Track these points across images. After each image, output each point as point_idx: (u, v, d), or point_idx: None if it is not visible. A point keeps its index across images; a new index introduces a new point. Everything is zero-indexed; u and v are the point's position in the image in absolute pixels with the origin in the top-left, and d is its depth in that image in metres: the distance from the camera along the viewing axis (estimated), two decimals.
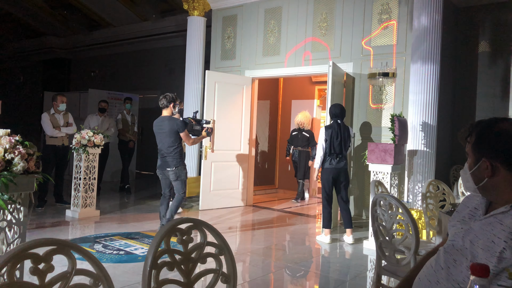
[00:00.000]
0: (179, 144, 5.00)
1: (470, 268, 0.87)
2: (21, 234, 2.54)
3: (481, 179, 1.37)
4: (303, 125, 7.99)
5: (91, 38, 12.57)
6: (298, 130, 8.05)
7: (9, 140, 2.47)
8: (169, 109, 5.10)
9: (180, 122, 5.00)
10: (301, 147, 7.97)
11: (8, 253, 1.14)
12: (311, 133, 8.04)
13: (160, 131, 5.04)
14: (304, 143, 7.96)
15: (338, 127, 5.12)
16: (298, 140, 8.00)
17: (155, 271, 1.44)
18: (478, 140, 1.38)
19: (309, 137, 7.98)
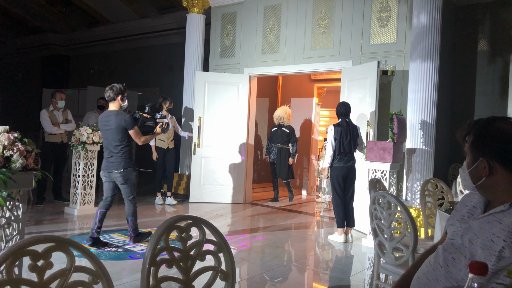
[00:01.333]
0: (127, 143, 4.47)
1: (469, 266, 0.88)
2: (19, 231, 2.54)
3: (479, 178, 1.37)
4: (283, 121, 7.57)
5: (90, 35, 12.54)
6: (277, 126, 7.64)
7: (8, 137, 2.46)
8: (116, 102, 4.51)
9: (129, 117, 4.44)
10: (281, 144, 7.52)
11: (7, 250, 1.14)
12: (291, 129, 7.63)
13: (106, 128, 4.44)
14: (284, 139, 7.53)
15: (347, 125, 5.12)
16: (278, 137, 7.57)
17: (154, 268, 1.44)
18: (476, 139, 1.38)
19: (289, 133, 7.56)
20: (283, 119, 7.58)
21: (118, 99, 4.51)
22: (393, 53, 5.92)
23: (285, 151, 7.52)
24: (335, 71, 6.95)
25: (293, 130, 7.62)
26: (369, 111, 5.57)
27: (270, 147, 7.64)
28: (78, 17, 11.90)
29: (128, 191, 4.55)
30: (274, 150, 7.53)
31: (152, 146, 6.96)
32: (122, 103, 4.54)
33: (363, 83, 5.80)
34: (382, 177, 4.90)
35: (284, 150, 7.52)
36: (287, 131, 7.55)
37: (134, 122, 4.49)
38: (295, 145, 7.52)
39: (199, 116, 7.36)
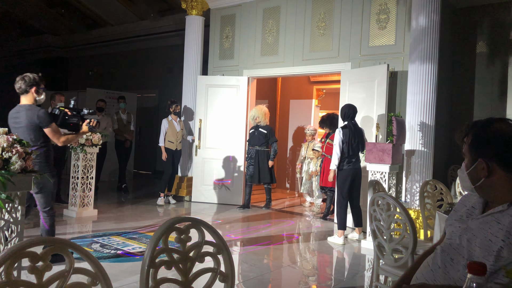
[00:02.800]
0: (43, 143, 3.78)
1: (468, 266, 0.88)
2: (18, 233, 2.54)
3: (478, 179, 1.38)
4: (259, 120, 6.95)
5: (89, 37, 12.55)
6: (255, 127, 7.03)
7: (7, 139, 2.46)
8: (29, 96, 3.80)
9: (44, 113, 3.73)
10: (259, 146, 6.91)
11: (6, 252, 1.14)
12: (269, 129, 7.02)
13: (16, 126, 3.73)
14: (261, 141, 6.91)
15: (354, 128, 5.17)
16: (255, 138, 6.95)
17: (153, 270, 1.44)
18: (474, 140, 1.39)
19: (267, 134, 6.95)
20: (259, 118, 6.96)
21: (31, 92, 3.78)
22: (392, 55, 5.93)
23: (264, 153, 6.93)
24: (334, 73, 6.96)
25: (271, 130, 7.04)
26: (378, 114, 5.61)
27: (249, 150, 7.03)
28: (77, 19, 11.91)
29: (44, 201, 3.82)
30: (252, 152, 6.97)
31: (162, 147, 7.05)
32: (38, 97, 3.82)
33: (368, 85, 5.81)
34: (381, 179, 4.90)
35: (263, 152, 6.93)
36: (264, 132, 6.95)
37: (52, 118, 3.82)
38: (274, 146, 6.97)
39: (200, 118, 7.44)
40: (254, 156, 6.91)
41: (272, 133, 7.03)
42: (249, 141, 7.09)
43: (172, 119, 7.21)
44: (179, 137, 7.23)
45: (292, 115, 9.33)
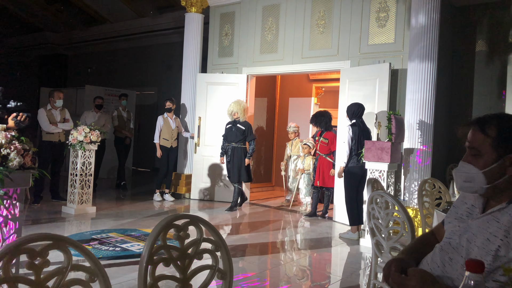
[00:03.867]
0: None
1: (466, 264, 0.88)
2: (17, 230, 2.54)
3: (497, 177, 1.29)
4: (237, 116, 6.63)
5: (88, 34, 12.52)
6: (232, 122, 6.69)
7: (5, 136, 2.46)
8: None
9: None
10: (235, 143, 6.60)
11: (4, 248, 1.14)
12: (247, 125, 6.67)
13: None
14: (239, 137, 6.60)
15: (363, 126, 5.22)
16: (232, 134, 6.63)
17: (151, 267, 1.44)
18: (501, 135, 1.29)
19: (245, 130, 6.62)
20: (238, 114, 6.62)
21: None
22: (392, 53, 5.93)
23: (241, 150, 6.60)
24: (333, 71, 6.96)
25: (249, 126, 6.70)
26: (379, 112, 5.62)
27: (225, 146, 6.73)
28: (76, 16, 11.88)
29: None
30: (228, 149, 6.68)
31: (157, 144, 7.07)
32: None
33: (369, 84, 5.81)
34: (380, 177, 4.90)
35: (239, 149, 6.60)
36: (242, 128, 6.60)
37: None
38: (252, 144, 6.62)
39: (199, 116, 7.44)
40: (230, 154, 6.62)
41: (251, 130, 6.69)
42: (224, 137, 6.74)
43: (167, 116, 7.23)
44: (174, 135, 7.26)
45: (291, 113, 9.32)
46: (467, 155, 1.36)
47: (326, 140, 6.33)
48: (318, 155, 6.41)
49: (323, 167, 6.34)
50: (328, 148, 6.32)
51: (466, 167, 1.35)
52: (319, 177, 6.38)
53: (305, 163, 6.92)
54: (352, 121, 5.25)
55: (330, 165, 6.32)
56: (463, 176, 1.36)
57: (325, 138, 6.34)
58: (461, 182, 1.37)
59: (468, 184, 1.35)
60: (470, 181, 1.33)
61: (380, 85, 5.66)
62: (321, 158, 6.38)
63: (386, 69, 5.60)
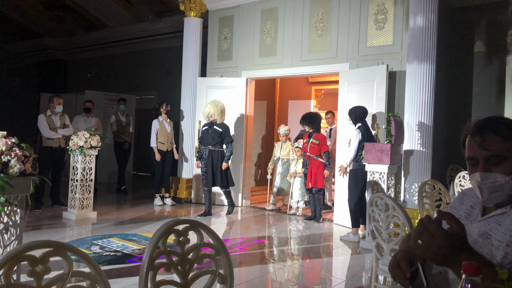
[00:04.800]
0: None
1: (462, 267, 0.88)
2: (17, 236, 2.54)
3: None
4: (214, 118, 6.33)
5: (87, 39, 12.55)
6: (208, 124, 6.39)
7: (6, 142, 2.46)
8: None
9: None
10: (212, 146, 6.29)
11: (5, 256, 1.14)
12: (225, 127, 6.36)
13: None
14: (216, 140, 6.29)
15: (367, 128, 5.29)
16: (209, 137, 6.32)
17: (152, 272, 1.44)
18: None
19: (223, 132, 6.31)
20: (214, 116, 6.32)
21: None
22: (390, 55, 5.95)
23: (218, 154, 6.32)
24: (332, 73, 6.98)
25: (227, 128, 6.38)
26: (377, 114, 5.63)
27: (201, 150, 6.43)
28: (75, 21, 11.91)
29: None
30: (205, 153, 6.37)
31: (154, 148, 7.06)
32: None
33: (367, 86, 5.83)
34: (380, 179, 4.91)
35: (216, 152, 6.31)
36: (219, 130, 6.31)
37: None
38: (230, 147, 6.33)
39: (199, 120, 7.44)
40: (207, 157, 6.31)
41: (228, 132, 6.38)
42: (200, 140, 6.49)
43: (162, 120, 7.24)
44: (170, 138, 7.27)
45: (291, 116, 9.33)
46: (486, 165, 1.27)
47: (317, 141, 6.26)
48: (309, 157, 6.29)
49: (315, 168, 6.25)
50: (319, 149, 6.25)
51: (492, 177, 1.25)
52: (311, 178, 6.26)
53: (297, 166, 6.80)
54: (357, 124, 5.27)
55: (321, 166, 6.23)
56: (490, 188, 1.26)
57: (316, 139, 6.28)
58: (488, 194, 1.27)
59: (495, 195, 1.26)
60: (498, 190, 1.25)
61: (378, 87, 5.68)
62: (312, 159, 6.27)
63: (383, 71, 5.62)
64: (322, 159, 6.23)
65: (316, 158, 6.24)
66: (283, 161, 7.21)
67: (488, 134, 1.26)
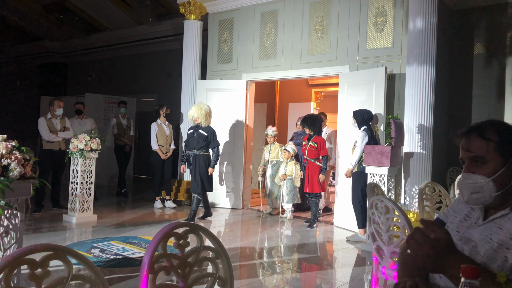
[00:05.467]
0: None
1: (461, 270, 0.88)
2: (17, 240, 2.54)
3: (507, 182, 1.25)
4: (199, 121, 6.13)
5: (88, 42, 12.58)
6: (194, 127, 6.21)
7: (6, 146, 2.47)
8: None
9: None
10: (197, 150, 6.09)
11: (5, 259, 1.14)
12: (210, 131, 6.14)
13: None
14: (201, 144, 6.08)
15: (372, 131, 5.31)
16: (194, 141, 6.12)
17: (152, 275, 1.44)
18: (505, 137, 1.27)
19: (208, 136, 6.10)
20: (199, 119, 6.11)
21: None
22: (390, 58, 5.95)
23: (203, 158, 6.09)
24: (332, 76, 6.98)
25: (213, 132, 6.15)
26: (376, 116, 5.63)
27: (187, 154, 6.25)
28: (76, 24, 11.94)
29: None
30: (190, 156, 6.18)
31: (157, 149, 7.09)
32: None
33: (366, 88, 5.83)
34: (380, 181, 4.91)
35: (202, 157, 6.09)
36: (204, 134, 6.09)
37: None
38: (215, 151, 6.12)
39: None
40: (192, 162, 6.11)
41: (214, 136, 6.14)
42: (186, 144, 6.31)
43: (161, 123, 7.26)
44: (169, 140, 7.30)
45: (291, 118, 9.34)
46: (469, 166, 1.31)
47: (315, 145, 6.11)
48: (307, 160, 6.14)
49: (312, 172, 6.10)
50: (317, 153, 6.10)
51: (473, 178, 1.29)
52: (308, 183, 6.09)
53: (287, 169, 6.60)
54: (362, 127, 5.28)
55: (318, 170, 6.10)
56: (471, 188, 1.29)
57: (315, 142, 6.12)
58: (468, 195, 1.30)
59: (476, 196, 1.29)
60: (479, 191, 1.28)
61: (377, 89, 5.68)
62: (309, 163, 6.12)
63: (382, 73, 5.62)
64: (320, 163, 6.10)
65: (313, 162, 6.12)
66: (273, 163, 7.01)
67: (473, 136, 1.30)
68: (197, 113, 6.10)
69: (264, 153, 7.18)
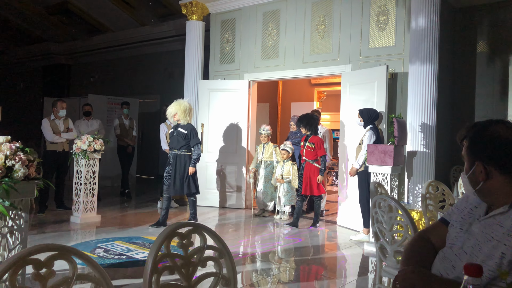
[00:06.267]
0: None
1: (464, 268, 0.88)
2: (22, 240, 2.55)
3: (477, 183, 1.35)
4: (177, 118, 5.80)
5: (90, 44, 12.62)
6: (174, 126, 5.91)
7: (10, 147, 2.48)
8: None
9: None
10: (177, 149, 5.75)
11: (10, 259, 1.15)
12: (190, 128, 5.78)
13: None
14: (181, 143, 5.73)
15: (378, 130, 5.31)
16: (174, 140, 5.82)
17: (156, 275, 1.45)
18: (472, 143, 1.37)
19: (188, 134, 5.74)
20: (177, 116, 5.77)
21: None
22: (392, 56, 5.95)
23: (184, 158, 5.74)
24: (334, 75, 6.98)
25: (192, 129, 5.79)
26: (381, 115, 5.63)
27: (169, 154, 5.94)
28: (78, 26, 11.98)
29: None
30: (170, 157, 5.84)
31: (167, 150, 7.09)
32: None
33: (368, 87, 5.82)
34: (383, 180, 4.90)
35: (182, 157, 5.74)
36: (184, 132, 5.74)
37: None
38: (196, 149, 5.71)
39: (202, 123, 7.48)
40: (172, 162, 5.77)
41: (194, 133, 5.77)
42: (169, 144, 6.04)
43: (170, 123, 7.26)
44: None
45: None
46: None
47: (312, 145, 5.86)
48: (305, 161, 5.93)
49: (310, 174, 5.87)
50: (315, 154, 5.86)
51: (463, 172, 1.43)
52: (307, 185, 5.88)
53: (284, 170, 6.39)
54: (368, 125, 5.27)
55: (317, 171, 5.88)
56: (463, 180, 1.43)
57: (311, 142, 5.88)
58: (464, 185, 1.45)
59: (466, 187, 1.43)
60: (466, 184, 1.41)
61: (379, 88, 5.67)
62: (307, 164, 5.91)
63: (383, 72, 5.60)
64: (319, 164, 5.89)
65: (311, 163, 5.89)
66: (266, 164, 6.73)
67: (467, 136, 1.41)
68: (175, 109, 5.78)
69: (257, 153, 6.90)
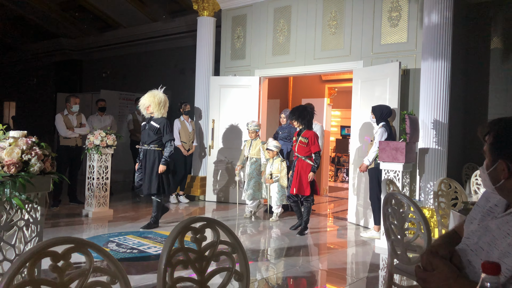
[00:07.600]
0: None
1: (482, 266, 0.88)
2: (38, 233, 2.60)
3: (498, 180, 1.32)
4: (150, 111, 5.30)
5: (102, 40, 12.70)
6: (147, 119, 5.41)
7: (26, 142, 2.52)
8: None
9: None
10: (147, 144, 5.29)
11: (29, 252, 1.18)
12: (163, 122, 5.26)
13: None
14: (152, 138, 5.27)
15: (390, 127, 5.28)
16: (145, 134, 5.35)
17: (170, 269, 1.47)
18: (496, 140, 1.33)
19: (159, 129, 5.26)
20: (151, 108, 5.27)
21: None
22: (405, 53, 5.89)
23: (153, 154, 5.26)
24: (346, 71, 6.94)
25: (166, 123, 5.27)
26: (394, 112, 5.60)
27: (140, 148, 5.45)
28: (90, 22, 12.06)
29: None
30: (140, 151, 5.40)
31: (179, 145, 7.15)
32: None
33: (380, 84, 5.79)
34: (395, 177, 4.87)
35: (152, 152, 5.26)
36: (156, 126, 5.24)
37: None
38: (168, 146, 5.22)
39: (213, 119, 7.51)
40: (142, 158, 5.31)
41: (167, 128, 5.25)
42: (141, 138, 5.52)
43: (184, 120, 7.31)
44: (192, 138, 7.35)
45: None
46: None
47: (305, 140, 5.32)
48: (297, 158, 5.41)
49: (301, 171, 5.34)
50: (308, 149, 5.32)
51: (483, 167, 1.39)
52: (296, 183, 5.33)
53: (273, 167, 6.02)
54: (381, 122, 5.23)
55: (309, 168, 5.33)
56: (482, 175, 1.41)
57: (305, 137, 5.34)
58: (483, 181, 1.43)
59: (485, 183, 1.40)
60: (485, 180, 1.38)
61: (391, 84, 5.63)
62: (299, 160, 5.38)
63: (396, 69, 5.57)
64: (312, 161, 5.36)
65: (304, 160, 5.36)
66: (252, 161, 6.29)
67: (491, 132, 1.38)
68: (148, 101, 5.25)
69: (244, 149, 6.46)
